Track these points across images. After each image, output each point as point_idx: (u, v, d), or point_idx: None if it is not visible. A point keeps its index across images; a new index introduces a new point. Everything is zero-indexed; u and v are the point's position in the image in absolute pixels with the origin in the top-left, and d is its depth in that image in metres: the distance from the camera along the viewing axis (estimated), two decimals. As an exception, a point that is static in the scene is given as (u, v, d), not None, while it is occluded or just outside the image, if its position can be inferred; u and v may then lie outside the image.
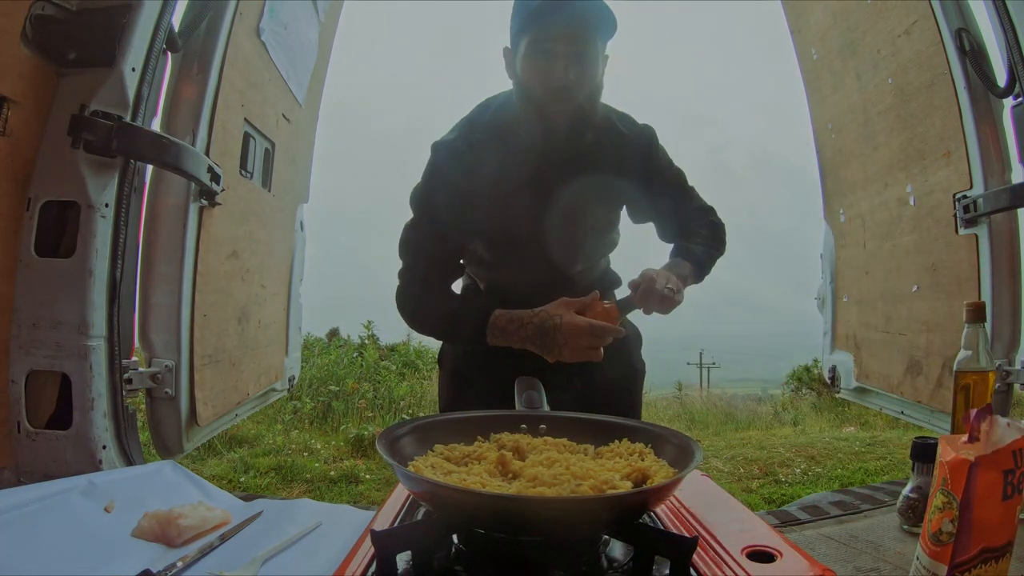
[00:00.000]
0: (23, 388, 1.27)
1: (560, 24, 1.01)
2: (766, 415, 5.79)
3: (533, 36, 1.03)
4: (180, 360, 1.60)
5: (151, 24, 1.35)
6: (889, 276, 2.13)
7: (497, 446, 0.74)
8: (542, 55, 1.03)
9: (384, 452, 0.63)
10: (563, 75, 1.02)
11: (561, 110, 1.05)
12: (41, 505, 0.84)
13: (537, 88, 1.05)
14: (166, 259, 1.59)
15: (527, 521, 0.55)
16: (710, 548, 0.60)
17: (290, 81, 2.23)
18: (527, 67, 1.05)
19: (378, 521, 0.69)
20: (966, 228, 1.73)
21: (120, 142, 1.29)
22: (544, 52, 1.03)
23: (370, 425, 4.40)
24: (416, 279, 1.14)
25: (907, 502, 0.90)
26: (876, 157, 2.17)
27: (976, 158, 1.68)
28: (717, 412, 5.89)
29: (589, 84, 1.05)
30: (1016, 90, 1.55)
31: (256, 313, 2.15)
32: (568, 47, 1.02)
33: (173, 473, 1.04)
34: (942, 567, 0.56)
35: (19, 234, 1.27)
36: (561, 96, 1.03)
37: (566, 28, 1.01)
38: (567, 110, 1.05)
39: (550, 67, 1.02)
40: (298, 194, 2.56)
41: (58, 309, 1.28)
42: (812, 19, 2.44)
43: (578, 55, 1.02)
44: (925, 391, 1.89)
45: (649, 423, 0.79)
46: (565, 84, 1.02)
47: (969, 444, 0.58)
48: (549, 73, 1.03)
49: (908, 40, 1.88)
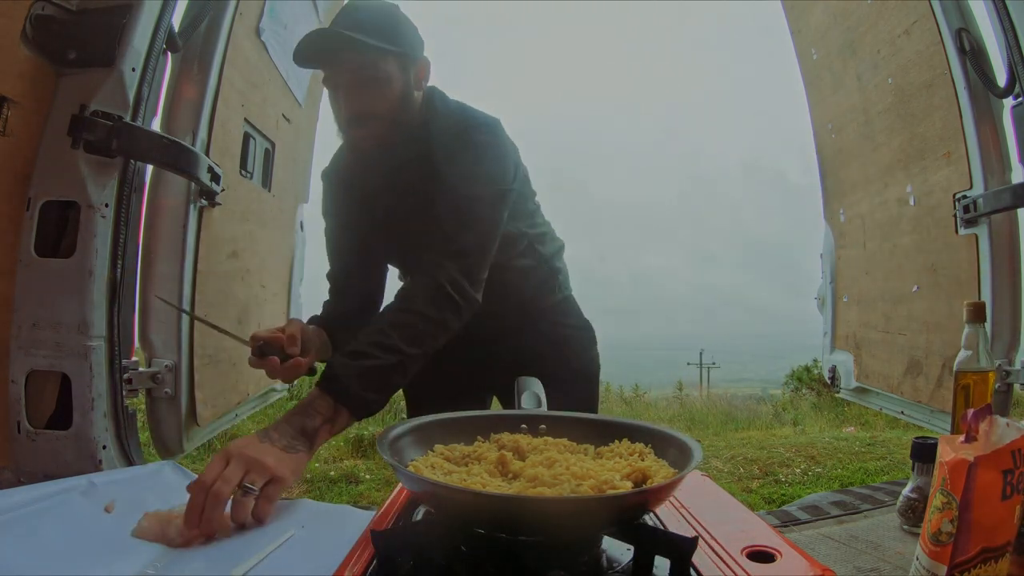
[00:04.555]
0: (23, 388, 1.27)
1: (326, 55, 1.00)
2: (766, 415, 5.80)
3: (321, 70, 1.04)
4: (180, 360, 1.60)
5: (151, 24, 1.35)
6: (889, 276, 2.13)
7: (497, 446, 0.74)
8: (331, 89, 1.04)
9: (384, 452, 0.63)
10: (346, 106, 1.02)
11: (362, 136, 1.05)
12: (41, 505, 0.84)
13: (338, 120, 1.06)
14: (166, 259, 1.59)
15: (527, 521, 0.55)
16: (710, 548, 0.60)
17: (290, 81, 2.23)
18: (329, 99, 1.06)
19: (378, 521, 0.69)
20: (966, 228, 1.73)
21: (120, 142, 1.29)
22: (331, 86, 1.03)
23: (370, 425, 4.40)
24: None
25: (907, 502, 0.90)
26: (876, 157, 2.17)
27: (976, 158, 1.68)
28: (717, 412, 5.90)
29: (382, 106, 1.03)
30: (1016, 90, 1.55)
31: (256, 313, 2.15)
32: (345, 77, 1.01)
33: (173, 473, 1.04)
34: (942, 567, 0.56)
35: (19, 234, 1.27)
36: (355, 125, 1.04)
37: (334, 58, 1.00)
38: (367, 136, 1.05)
39: (337, 100, 1.03)
40: (298, 194, 2.56)
41: (58, 309, 1.28)
42: (812, 19, 2.44)
43: (357, 83, 1.01)
44: (925, 391, 1.89)
45: (649, 423, 0.79)
46: (352, 114, 1.02)
47: (968, 444, 0.58)
48: (338, 106, 1.04)
49: (908, 40, 1.88)
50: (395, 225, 1.15)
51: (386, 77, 1.02)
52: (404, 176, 1.11)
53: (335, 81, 1.02)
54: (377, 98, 1.02)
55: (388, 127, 1.04)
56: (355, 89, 1.01)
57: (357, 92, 1.01)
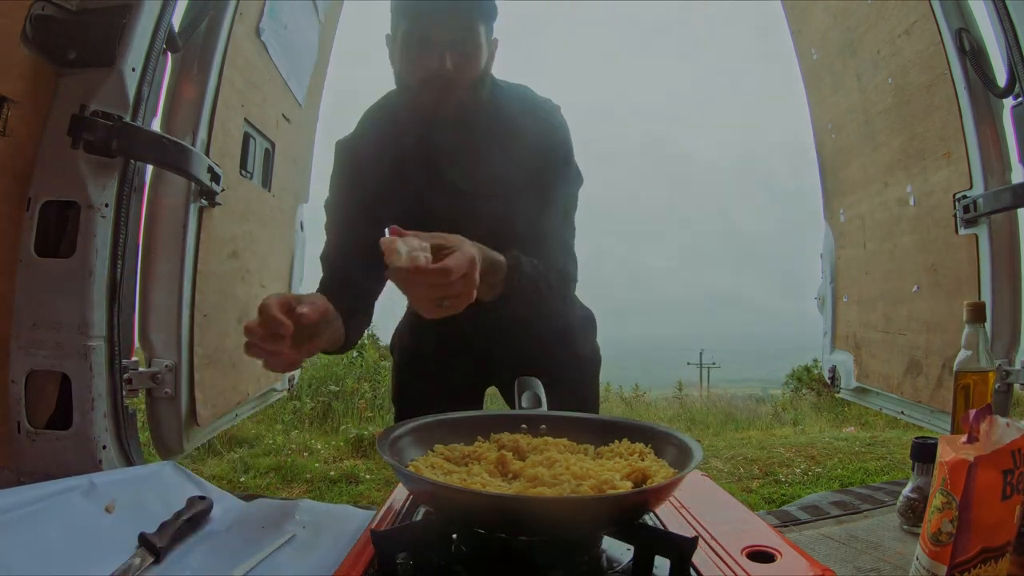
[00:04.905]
0: (23, 388, 1.27)
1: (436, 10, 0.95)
2: (766, 415, 5.80)
3: (408, 23, 0.97)
4: (180, 360, 1.60)
5: (151, 24, 1.35)
6: (889, 276, 2.13)
7: (497, 446, 0.74)
8: (417, 44, 0.97)
9: (384, 452, 0.63)
10: (439, 65, 0.95)
11: (437, 101, 0.98)
12: (41, 505, 0.84)
13: (412, 79, 0.99)
14: (166, 259, 1.59)
15: (527, 521, 0.55)
16: (710, 548, 0.60)
17: (290, 81, 2.23)
18: (403, 56, 0.99)
19: (378, 521, 0.69)
20: (966, 228, 1.73)
21: (120, 142, 1.29)
22: (419, 41, 0.96)
23: (370, 425, 4.41)
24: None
25: (907, 502, 0.90)
26: (876, 157, 2.17)
27: (976, 158, 1.68)
28: (717, 412, 5.90)
29: (469, 73, 0.98)
30: (1016, 90, 1.55)
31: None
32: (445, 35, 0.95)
33: (173, 473, 1.04)
34: (941, 567, 0.56)
35: (19, 234, 1.27)
36: (437, 86, 0.97)
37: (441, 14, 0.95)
38: (444, 101, 0.98)
39: (426, 55, 0.96)
40: (298, 194, 2.56)
41: (58, 309, 1.27)
42: (812, 19, 2.44)
43: (456, 43, 0.96)
44: (925, 391, 1.89)
45: (649, 423, 0.79)
46: (441, 74, 0.96)
47: (968, 444, 0.58)
48: (425, 61, 0.96)
49: (908, 40, 1.88)
50: (442, 194, 1.07)
51: (478, 43, 0.98)
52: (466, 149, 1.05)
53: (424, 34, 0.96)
54: (467, 61, 0.97)
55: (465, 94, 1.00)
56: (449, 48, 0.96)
57: (451, 52, 0.96)
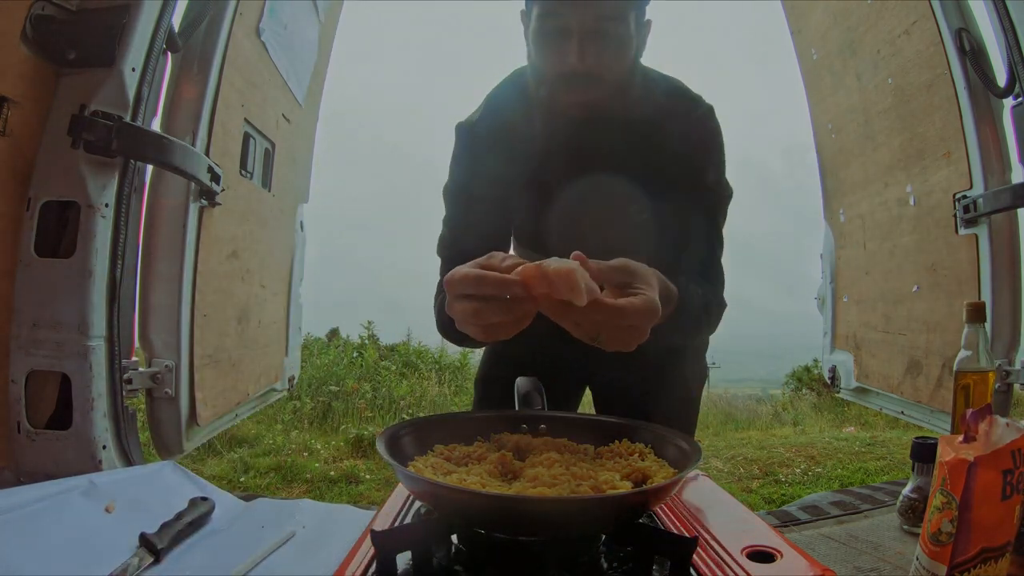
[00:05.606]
0: (23, 388, 1.27)
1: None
2: (766, 415, 5.79)
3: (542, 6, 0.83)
4: (180, 360, 1.60)
5: (151, 24, 1.35)
6: (889, 276, 2.13)
7: (497, 446, 0.74)
8: (553, 32, 0.82)
9: (384, 452, 0.63)
10: (576, 60, 0.81)
11: (573, 101, 0.85)
12: (41, 505, 0.84)
13: (546, 71, 0.85)
14: (166, 259, 1.59)
15: (527, 521, 0.55)
16: (710, 548, 0.60)
17: (290, 81, 2.23)
18: (536, 43, 0.85)
19: (378, 521, 0.69)
20: (966, 228, 1.73)
21: (120, 142, 1.29)
22: (556, 28, 0.82)
23: (370, 425, 4.41)
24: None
25: (907, 502, 0.90)
26: (876, 157, 2.17)
27: (976, 158, 1.69)
28: (717, 412, 5.89)
29: (616, 69, 0.83)
30: (1016, 90, 1.55)
31: (256, 313, 2.15)
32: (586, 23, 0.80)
33: (173, 473, 1.04)
34: (941, 567, 0.56)
35: (19, 234, 1.27)
36: (574, 85, 0.83)
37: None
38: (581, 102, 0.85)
39: (561, 48, 0.82)
40: (298, 194, 2.56)
41: (58, 309, 1.28)
42: (812, 19, 2.44)
43: (599, 33, 0.81)
44: (925, 391, 1.89)
45: (649, 423, 0.79)
46: (578, 71, 0.81)
47: (968, 444, 0.58)
48: (560, 55, 0.82)
49: (908, 40, 1.88)
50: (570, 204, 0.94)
51: (628, 33, 0.83)
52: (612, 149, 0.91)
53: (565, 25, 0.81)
54: (612, 56, 0.82)
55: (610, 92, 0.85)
56: (591, 41, 0.81)
57: (592, 45, 0.81)
